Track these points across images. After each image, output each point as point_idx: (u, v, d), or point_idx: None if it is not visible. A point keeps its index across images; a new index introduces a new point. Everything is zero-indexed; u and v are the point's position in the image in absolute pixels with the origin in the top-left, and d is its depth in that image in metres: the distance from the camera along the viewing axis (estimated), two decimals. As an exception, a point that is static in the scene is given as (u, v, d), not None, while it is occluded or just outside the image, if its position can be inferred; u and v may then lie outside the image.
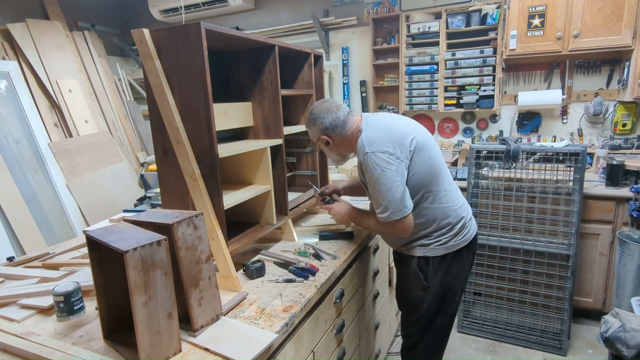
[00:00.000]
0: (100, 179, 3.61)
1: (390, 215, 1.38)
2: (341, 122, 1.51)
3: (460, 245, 1.53)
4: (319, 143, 1.59)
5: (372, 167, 1.37)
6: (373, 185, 1.40)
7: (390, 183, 1.36)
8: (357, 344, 1.79)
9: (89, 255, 1.03)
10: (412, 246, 1.55)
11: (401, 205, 1.37)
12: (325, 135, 1.53)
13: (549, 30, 2.78)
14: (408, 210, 1.39)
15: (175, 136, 1.29)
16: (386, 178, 1.36)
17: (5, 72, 3.27)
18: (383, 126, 1.46)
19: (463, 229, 1.54)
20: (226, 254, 1.30)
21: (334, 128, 1.51)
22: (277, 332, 1.09)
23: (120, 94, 4.28)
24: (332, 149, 1.57)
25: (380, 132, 1.43)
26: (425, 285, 1.54)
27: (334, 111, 1.52)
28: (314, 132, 1.57)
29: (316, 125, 1.54)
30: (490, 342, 2.57)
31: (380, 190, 1.37)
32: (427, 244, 1.52)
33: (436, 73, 3.31)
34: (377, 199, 1.40)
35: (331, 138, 1.54)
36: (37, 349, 1.03)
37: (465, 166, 3.00)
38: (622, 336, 1.67)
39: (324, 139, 1.54)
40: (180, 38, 1.25)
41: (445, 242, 1.51)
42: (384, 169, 1.36)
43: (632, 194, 2.37)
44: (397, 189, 1.36)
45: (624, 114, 2.94)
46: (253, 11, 4.09)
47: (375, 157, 1.37)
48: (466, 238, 1.55)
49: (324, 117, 1.52)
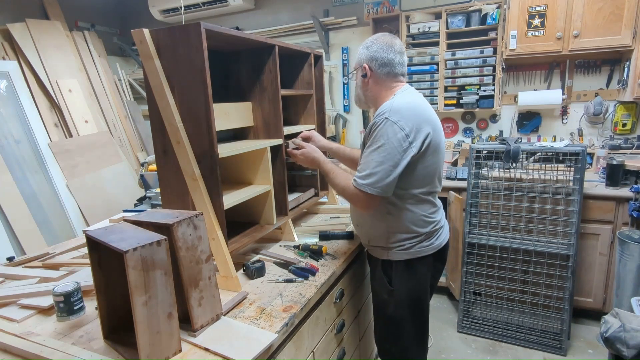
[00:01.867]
0: (100, 179, 3.61)
1: (368, 186, 1.31)
2: (390, 68, 1.43)
3: (426, 252, 1.47)
4: (357, 71, 1.50)
5: (383, 135, 1.30)
6: (372, 150, 1.32)
7: (388, 160, 1.29)
8: (357, 344, 1.79)
9: (89, 255, 1.03)
10: (375, 247, 1.52)
11: (383, 185, 1.30)
12: (369, 65, 1.45)
13: (549, 30, 2.78)
14: (384, 194, 1.33)
15: (175, 136, 1.29)
16: (388, 153, 1.29)
17: (5, 72, 3.27)
18: (413, 105, 1.37)
19: (431, 236, 1.47)
20: (226, 254, 1.30)
21: (381, 65, 1.43)
22: (277, 332, 1.09)
23: (120, 94, 4.28)
24: (365, 85, 1.49)
25: (409, 110, 1.34)
26: (389, 289, 1.49)
27: (394, 52, 1.43)
28: (361, 55, 1.48)
29: (369, 50, 1.44)
30: (490, 342, 2.57)
31: (375, 159, 1.30)
32: (390, 247, 1.46)
33: (436, 73, 3.31)
34: (368, 163, 1.32)
35: (372, 71, 1.45)
36: (37, 349, 1.03)
37: (465, 166, 3.00)
38: (622, 336, 1.67)
39: (365, 68, 1.45)
40: (180, 38, 1.25)
41: (409, 248, 1.45)
42: (393, 144, 1.29)
43: (632, 194, 2.37)
44: (392, 170, 1.30)
45: (624, 114, 2.94)
46: (253, 11, 4.09)
47: (392, 129, 1.29)
48: (434, 246, 1.48)
49: (381, 49, 1.42)
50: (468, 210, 2.52)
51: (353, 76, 1.55)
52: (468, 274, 2.61)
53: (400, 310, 1.50)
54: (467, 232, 2.55)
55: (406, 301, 1.49)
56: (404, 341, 1.55)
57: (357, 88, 1.55)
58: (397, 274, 1.48)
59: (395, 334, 1.55)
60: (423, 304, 1.55)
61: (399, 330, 1.54)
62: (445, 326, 2.74)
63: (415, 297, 1.50)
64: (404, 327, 1.53)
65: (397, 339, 1.56)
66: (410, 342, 1.56)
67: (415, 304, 1.51)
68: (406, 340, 1.55)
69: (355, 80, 1.54)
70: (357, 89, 1.56)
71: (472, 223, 2.55)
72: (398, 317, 1.51)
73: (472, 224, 2.55)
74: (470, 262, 2.58)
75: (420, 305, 1.54)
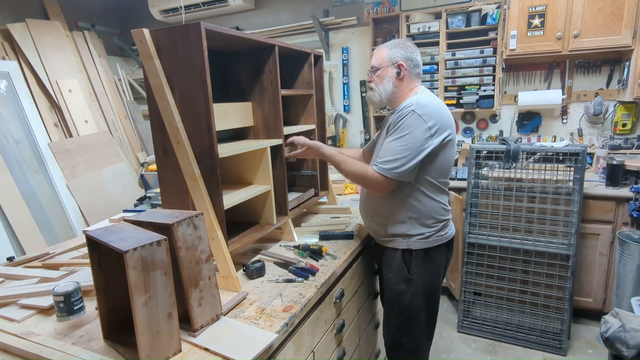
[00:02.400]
0: (100, 179, 3.61)
1: (389, 170, 1.38)
2: (417, 67, 1.54)
3: (441, 241, 1.56)
4: (387, 68, 1.52)
5: (409, 125, 1.38)
6: (396, 138, 1.39)
7: (410, 148, 1.37)
8: (357, 344, 1.79)
9: (89, 255, 1.03)
10: (393, 237, 1.57)
11: (403, 170, 1.38)
12: (405, 64, 1.51)
13: (549, 30, 2.78)
14: (402, 179, 1.41)
15: (175, 136, 1.29)
16: (412, 142, 1.37)
17: (5, 72, 3.27)
18: (437, 103, 1.48)
19: (445, 226, 1.58)
20: (226, 254, 1.30)
21: (415, 66, 1.53)
22: (277, 332, 1.09)
23: (120, 94, 4.28)
24: (396, 81, 1.53)
25: (434, 108, 1.43)
26: (408, 277, 1.55)
27: (419, 56, 1.56)
28: (392, 55, 1.52)
29: (405, 51, 1.51)
30: (490, 342, 2.57)
31: (398, 146, 1.38)
32: (411, 235, 1.53)
33: (436, 73, 3.31)
34: (390, 150, 1.39)
35: (407, 70, 1.52)
36: (37, 349, 1.03)
37: (465, 166, 3.00)
38: (622, 336, 1.67)
39: (402, 65, 1.51)
40: (180, 38, 1.25)
41: (429, 236, 1.53)
42: (416, 134, 1.37)
43: (632, 194, 2.37)
44: (413, 158, 1.38)
45: (624, 114, 2.94)
46: (253, 11, 4.09)
47: (418, 120, 1.38)
48: (447, 235, 1.59)
49: (414, 52, 1.53)
50: (468, 210, 2.52)
51: (383, 71, 1.54)
52: (468, 274, 2.61)
53: (416, 299, 1.57)
54: (467, 232, 2.55)
55: (422, 290, 1.57)
56: (415, 331, 1.62)
57: (384, 87, 1.55)
58: (416, 262, 1.55)
59: (408, 324, 1.61)
60: (437, 292, 1.63)
61: (413, 321, 1.60)
62: (445, 326, 2.74)
63: (431, 285, 1.59)
64: (418, 317, 1.60)
65: (410, 330, 1.62)
66: (422, 332, 1.63)
67: (431, 292, 1.59)
68: (418, 331, 1.62)
69: (382, 77, 1.54)
70: (381, 88, 1.55)
71: (472, 223, 2.55)
72: (414, 306, 1.58)
73: (472, 224, 2.55)
74: (470, 262, 2.58)
75: (434, 294, 1.62)
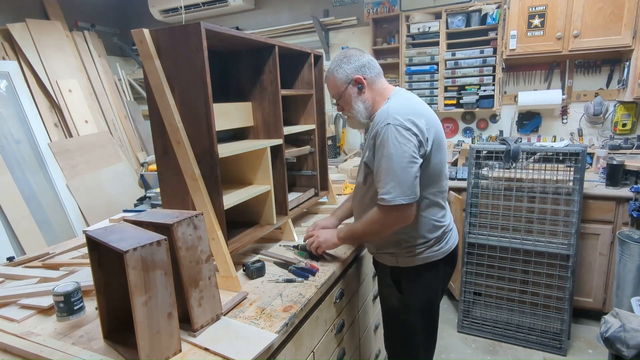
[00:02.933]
0: (100, 179, 3.61)
1: (396, 198, 1.23)
2: (376, 68, 1.39)
3: (436, 257, 1.43)
4: (347, 90, 1.39)
5: (391, 140, 1.23)
6: (385, 161, 1.24)
7: (405, 162, 1.23)
8: (357, 344, 1.79)
9: (89, 255, 1.03)
10: (383, 254, 1.48)
11: (410, 190, 1.23)
12: (361, 74, 1.37)
13: (549, 30, 2.78)
14: (416, 198, 1.26)
15: (175, 136, 1.29)
16: (402, 156, 1.23)
17: (5, 72, 3.27)
18: (410, 104, 1.33)
19: (440, 240, 1.43)
20: (226, 254, 1.30)
21: (370, 69, 1.38)
22: (277, 332, 1.09)
23: (120, 94, 4.28)
24: (363, 95, 1.39)
25: (406, 110, 1.28)
26: (399, 296, 1.46)
27: (365, 55, 1.39)
28: (345, 72, 1.38)
29: (351, 63, 1.37)
30: (490, 342, 2.57)
31: (392, 167, 1.23)
32: (398, 253, 1.42)
33: (436, 73, 3.31)
34: (386, 177, 1.25)
35: (365, 79, 1.38)
36: (37, 349, 1.03)
37: (465, 166, 3.00)
38: (622, 336, 1.67)
39: (359, 79, 1.37)
40: (180, 38, 1.25)
41: (419, 254, 1.41)
42: (402, 146, 1.23)
43: (632, 194, 2.37)
44: (411, 171, 1.23)
45: (624, 114, 2.94)
46: (253, 11, 4.09)
47: (398, 132, 1.23)
48: (443, 251, 1.44)
49: (360, 56, 1.38)
50: (468, 210, 2.52)
51: (345, 95, 1.42)
52: (468, 274, 2.61)
53: (411, 316, 1.48)
54: (467, 232, 2.55)
55: (417, 307, 1.47)
56: (415, 345, 1.54)
57: (355, 109, 1.42)
58: (407, 281, 1.45)
59: (406, 338, 1.54)
60: (433, 309, 1.53)
61: (411, 337, 1.52)
62: (445, 326, 2.74)
63: (425, 303, 1.48)
64: (416, 333, 1.51)
65: (409, 343, 1.54)
66: (421, 345, 1.55)
67: (426, 309, 1.49)
68: (417, 344, 1.54)
69: (349, 100, 1.42)
70: (354, 111, 1.43)
71: (472, 223, 2.55)
72: (409, 323, 1.49)
73: (472, 224, 2.55)
74: (470, 262, 2.58)
75: (431, 311, 1.52)
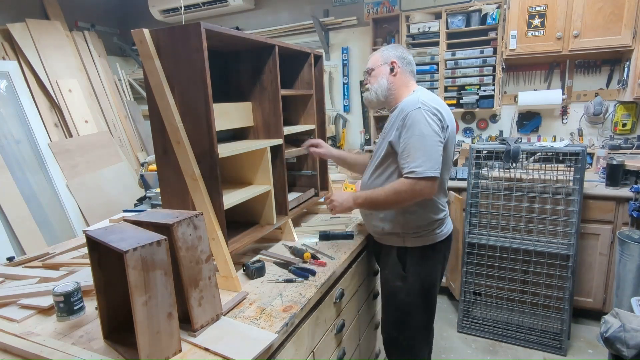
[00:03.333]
0: (100, 179, 3.61)
1: (427, 171, 1.36)
2: (410, 65, 1.58)
3: (437, 239, 1.57)
4: (381, 67, 1.57)
5: (421, 121, 1.38)
6: (417, 139, 1.38)
7: (435, 141, 1.39)
8: (357, 344, 1.79)
9: (89, 255, 1.03)
10: (389, 235, 1.58)
11: (438, 165, 1.38)
12: (397, 61, 1.56)
13: (549, 30, 2.78)
14: (439, 174, 1.40)
15: (175, 136, 1.29)
16: (432, 135, 1.38)
17: (5, 72, 3.27)
18: (438, 100, 1.51)
19: (442, 224, 1.59)
20: (226, 254, 1.30)
21: (407, 64, 1.57)
22: (277, 332, 1.09)
23: (120, 94, 4.28)
24: (390, 77, 1.56)
25: (435, 102, 1.47)
26: (403, 275, 1.57)
27: (411, 56, 1.61)
28: (388, 53, 1.57)
29: (396, 51, 1.57)
30: (490, 342, 2.57)
31: (424, 144, 1.37)
32: (406, 233, 1.54)
33: (436, 73, 3.31)
34: (417, 152, 1.38)
35: (400, 67, 1.56)
36: (37, 349, 1.03)
37: (465, 166, 3.00)
38: (622, 336, 1.67)
39: (395, 64, 1.55)
40: (180, 38, 1.25)
41: (424, 235, 1.55)
42: (433, 128, 1.39)
43: (632, 194, 2.37)
44: (439, 149, 1.39)
45: (624, 114, 2.94)
46: (253, 11, 4.09)
47: (427, 114, 1.39)
48: (443, 233, 1.59)
49: (405, 52, 1.59)
50: (468, 210, 2.52)
51: (377, 70, 1.59)
52: (468, 274, 2.61)
53: (412, 297, 1.58)
54: (467, 232, 2.55)
55: (418, 288, 1.57)
56: (412, 329, 1.61)
57: (378, 84, 1.58)
58: (411, 260, 1.56)
59: (404, 321, 1.61)
60: (433, 291, 1.62)
61: (408, 318, 1.60)
62: (445, 326, 2.74)
63: (427, 283, 1.59)
64: (414, 315, 1.60)
65: (406, 327, 1.61)
66: (418, 331, 1.63)
67: (427, 290, 1.59)
68: (414, 329, 1.62)
69: (377, 76, 1.58)
70: (376, 85, 1.58)
71: (472, 223, 2.55)
72: (409, 304, 1.58)
73: (472, 224, 2.55)
74: (470, 262, 2.58)
75: (430, 293, 1.61)
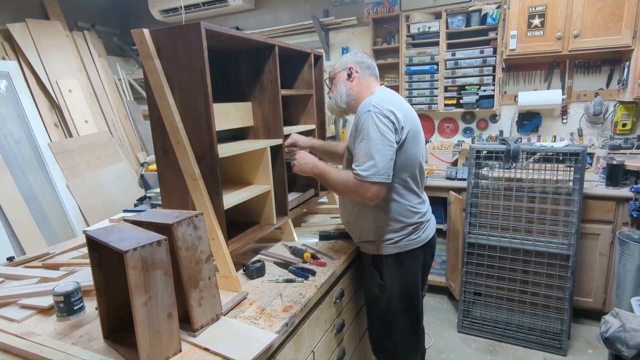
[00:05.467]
0: (100, 179, 3.61)
1: (372, 176, 1.34)
2: (369, 69, 1.62)
3: (414, 245, 1.52)
4: (340, 74, 1.62)
5: (371, 125, 1.36)
6: (365, 143, 1.37)
7: (383, 146, 1.35)
8: (357, 344, 1.79)
9: (89, 255, 1.03)
10: (365, 243, 1.56)
11: (385, 170, 1.35)
12: (355, 66, 1.60)
13: (549, 30, 2.78)
14: (388, 180, 1.37)
15: (175, 136, 1.29)
16: (381, 140, 1.35)
17: (5, 72, 3.27)
18: (391, 97, 1.50)
19: (418, 229, 1.53)
20: (226, 254, 1.30)
21: (365, 68, 1.61)
22: (277, 332, 1.09)
23: (120, 94, 4.28)
24: (349, 83, 1.60)
25: (387, 101, 1.44)
26: (380, 283, 1.53)
27: (371, 60, 1.65)
28: (342, 61, 1.63)
29: (354, 57, 1.62)
30: (490, 342, 2.57)
31: (371, 149, 1.35)
32: (379, 240, 1.51)
33: (436, 73, 3.31)
34: (364, 156, 1.36)
35: (357, 72, 1.60)
36: (37, 349, 1.03)
37: (465, 166, 3.00)
38: (622, 336, 1.67)
39: (352, 69, 1.59)
40: (180, 38, 1.25)
41: (398, 241, 1.50)
42: (382, 131, 1.36)
43: (632, 194, 2.37)
44: (388, 154, 1.36)
45: (624, 114, 2.94)
46: (253, 11, 4.09)
47: (378, 118, 1.37)
48: (421, 239, 1.54)
49: (363, 57, 1.63)
50: (468, 210, 2.52)
51: (336, 78, 1.64)
52: (468, 274, 2.61)
53: (392, 304, 1.54)
54: (467, 232, 2.55)
55: (398, 295, 1.53)
56: (397, 336, 1.58)
57: (337, 91, 1.62)
58: (387, 268, 1.52)
59: (388, 329, 1.59)
60: (415, 298, 1.58)
61: (392, 325, 1.57)
62: (445, 326, 2.74)
63: (406, 290, 1.55)
64: (397, 322, 1.56)
65: (390, 334, 1.59)
66: (404, 337, 1.59)
67: (407, 297, 1.55)
68: (399, 335, 1.58)
69: (336, 83, 1.63)
70: (335, 92, 1.63)
71: (472, 223, 2.55)
72: (390, 311, 1.55)
73: (472, 224, 2.55)
74: (470, 262, 2.58)
75: (412, 299, 1.57)
